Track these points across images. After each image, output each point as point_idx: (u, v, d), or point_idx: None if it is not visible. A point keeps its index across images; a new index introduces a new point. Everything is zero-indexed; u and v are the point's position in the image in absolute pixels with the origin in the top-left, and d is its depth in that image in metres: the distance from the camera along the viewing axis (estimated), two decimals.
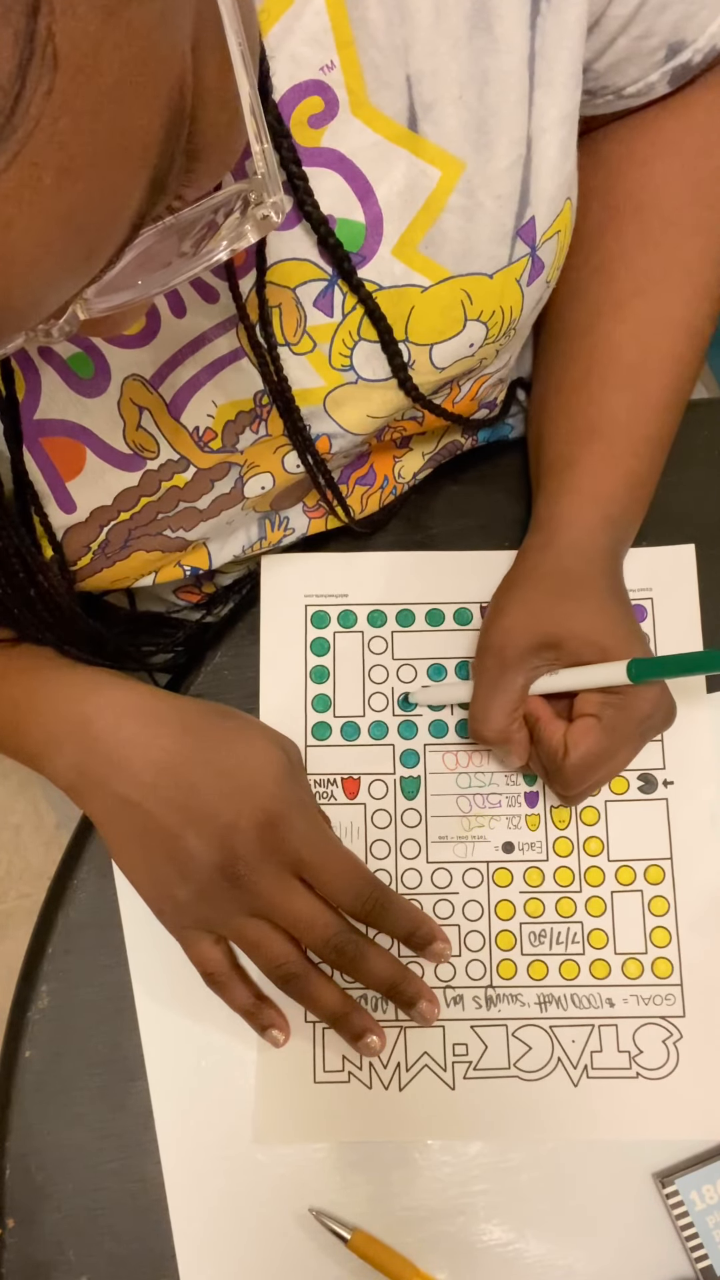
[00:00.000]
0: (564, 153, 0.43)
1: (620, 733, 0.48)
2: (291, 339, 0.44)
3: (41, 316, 0.26)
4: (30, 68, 0.19)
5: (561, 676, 0.49)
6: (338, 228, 0.42)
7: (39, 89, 0.19)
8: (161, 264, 0.28)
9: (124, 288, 0.27)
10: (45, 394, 0.43)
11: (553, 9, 0.40)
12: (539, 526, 0.53)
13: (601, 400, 0.52)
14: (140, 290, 0.28)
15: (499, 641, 0.50)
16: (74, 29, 0.19)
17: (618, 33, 0.45)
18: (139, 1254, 0.52)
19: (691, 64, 0.48)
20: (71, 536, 0.48)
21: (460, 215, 0.42)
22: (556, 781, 0.50)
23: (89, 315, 0.27)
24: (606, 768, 0.49)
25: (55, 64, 0.19)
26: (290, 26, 0.38)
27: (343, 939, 0.49)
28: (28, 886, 1.23)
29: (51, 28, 0.19)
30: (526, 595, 0.51)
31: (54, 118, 0.20)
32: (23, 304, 0.24)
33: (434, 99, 0.40)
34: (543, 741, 0.50)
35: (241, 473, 0.49)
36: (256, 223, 0.28)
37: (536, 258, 0.45)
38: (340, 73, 0.39)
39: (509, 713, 0.50)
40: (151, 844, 0.48)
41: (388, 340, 0.44)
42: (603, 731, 0.48)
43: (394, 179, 0.41)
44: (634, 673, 0.46)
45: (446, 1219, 0.51)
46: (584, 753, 0.48)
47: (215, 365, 0.45)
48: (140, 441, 0.46)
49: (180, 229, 0.28)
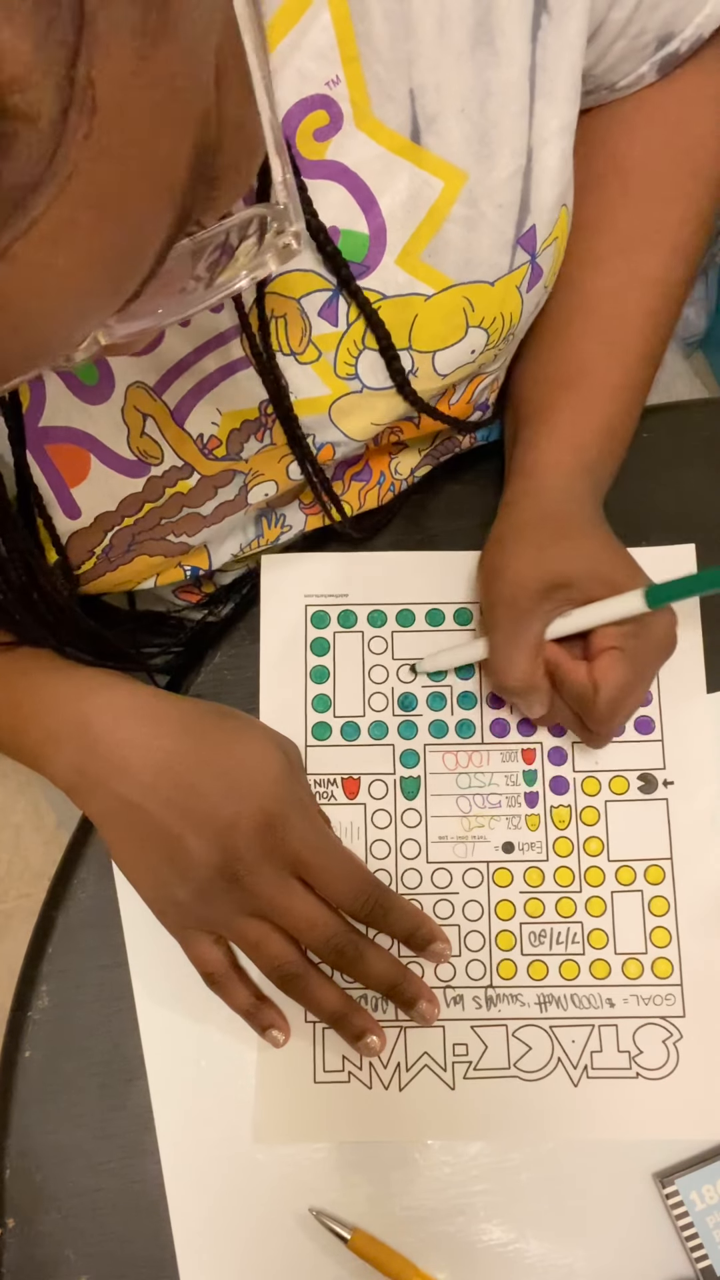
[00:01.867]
0: (564, 162, 0.44)
1: (642, 660, 0.49)
2: (297, 348, 0.45)
3: (70, 349, 0.26)
4: (70, 114, 0.19)
5: (575, 616, 0.49)
6: (342, 238, 0.42)
7: (78, 133, 0.19)
8: (176, 285, 0.28)
9: (144, 314, 0.28)
10: (50, 401, 0.44)
11: (554, 22, 0.40)
12: (519, 475, 0.53)
13: (580, 350, 0.53)
14: (160, 318, 0.28)
15: (510, 592, 0.50)
16: (112, 74, 0.20)
17: (616, 36, 0.46)
18: (139, 1254, 0.52)
19: (679, 53, 0.49)
20: (75, 541, 0.48)
21: (463, 225, 0.43)
22: (591, 718, 0.49)
23: (110, 341, 0.28)
24: (634, 697, 0.49)
25: (94, 109, 0.19)
26: (297, 42, 0.39)
27: (342, 939, 0.49)
28: (28, 886, 1.23)
29: (91, 75, 0.19)
30: (523, 546, 0.51)
31: (92, 160, 0.20)
32: (55, 339, 0.24)
33: (437, 112, 0.41)
34: (569, 684, 0.49)
35: (246, 480, 0.49)
36: (278, 251, 0.29)
37: (536, 265, 0.46)
38: (345, 87, 0.40)
39: (530, 659, 0.49)
40: (151, 844, 0.48)
41: (386, 346, 0.44)
42: (628, 661, 0.48)
43: (397, 190, 0.42)
44: (651, 599, 0.46)
45: (446, 1219, 0.51)
46: (614, 685, 0.48)
47: (218, 374, 0.45)
48: (144, 448, 0.46)
49: (194, 250, 0.28)
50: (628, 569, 0.50)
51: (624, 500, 0.56)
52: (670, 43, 0.48)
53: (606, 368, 0.53)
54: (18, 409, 0.42)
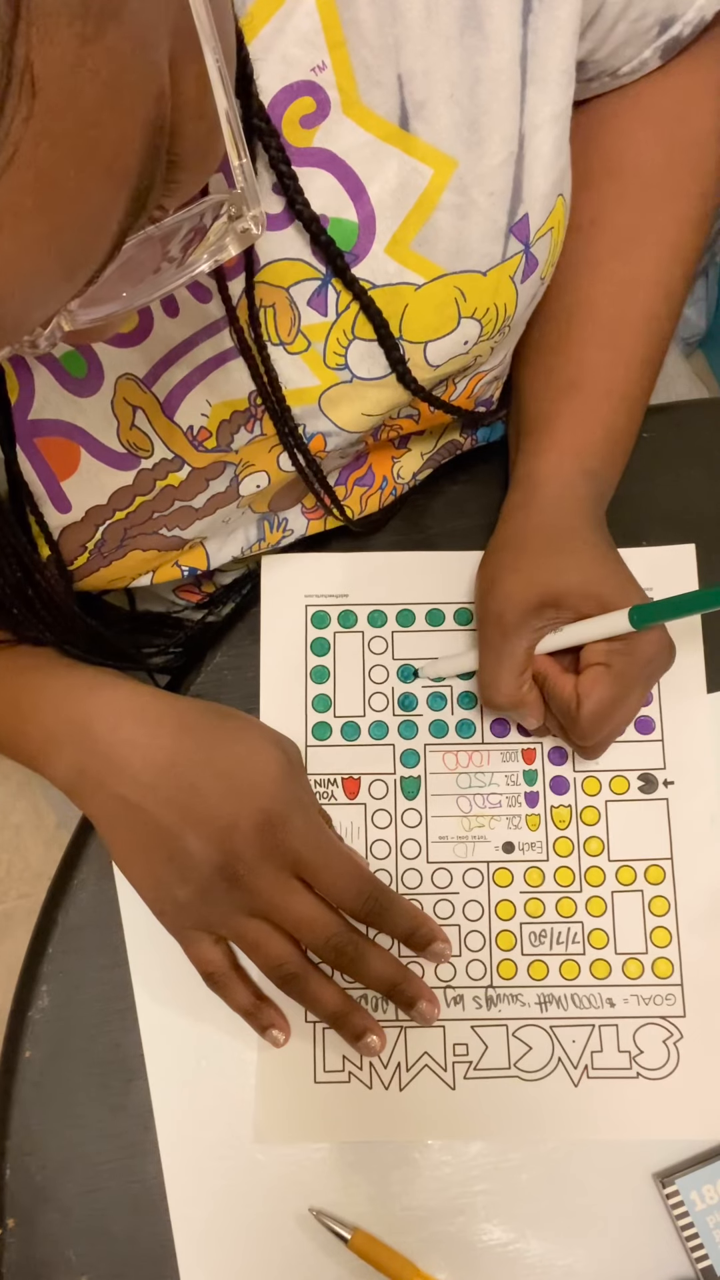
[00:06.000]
0: (557, 149, 0.43)
1: (629, 677, 0.49)
2: (286, 338, 0.44)
3: (24, 332, 0.26)
4: (8, 96, 0.19)
5: (565, 633, 0.49)
6: (330, 227, 0.42)
7: (18, 116, 0.19)
8: (146, 272, 0.28)
9: (108, 299, 0.27)
10: (39, 394, 0.43)
11: (545, 6, 0.40)
12: (518, 485, 0.53)
13: (579, 358, 0.53)
14: (125, 302, 0.28)
15: (498, 608, 0.50)
16: (52, 56, 0.19)
17: (616, 19, 0.46)
18: (139, 1254, 0.52)
19: (681, 36, 0.48)
20: (68, 536, 0.48)
21: (453, 213, 0.42)
22: (574, 733, 0.50)
23: (74, 327, 0.27)
24: (620, 713, 0.49)
25: (34, 91, 0.19)
26: (281, 27, 0.38)
27: (342, 939, 0.49)
28: (28, 886, 1.23)
29: (30, 56, 0.19)
30: (517, 558, 0.51)
31: (34, 143, 0.20)
32: (5, 323, 0.24)
33: (425, 98, 0.40)
34: (555, 697, 0.50)
35: (237, 471, 0.49)
36: (237, 235, 0.29)
37: (530, 254, 0.45)
38: (331, 73, 0.39)
39: (517, 677, 0.50)
40: (151, 844, 0.48)
41: (384, 335, 0.44)
42: (613, 678, 0.48)
43: (386, 177, 0.41)
44: (636, 619, 0.46)
45: (446, 1219, 0.51)
46: (597, 700, 0.48)
47: (208, 365, 0.45)
48: (134, 440, 0.46)
49: (163, 236, 0.28)
50: (619, 585, 0.49)
51: (624, 500, 0.56)
52: (673, 26, 0.48)
53: (608, 373, 0.53)
54: (6, 403, 0.42)
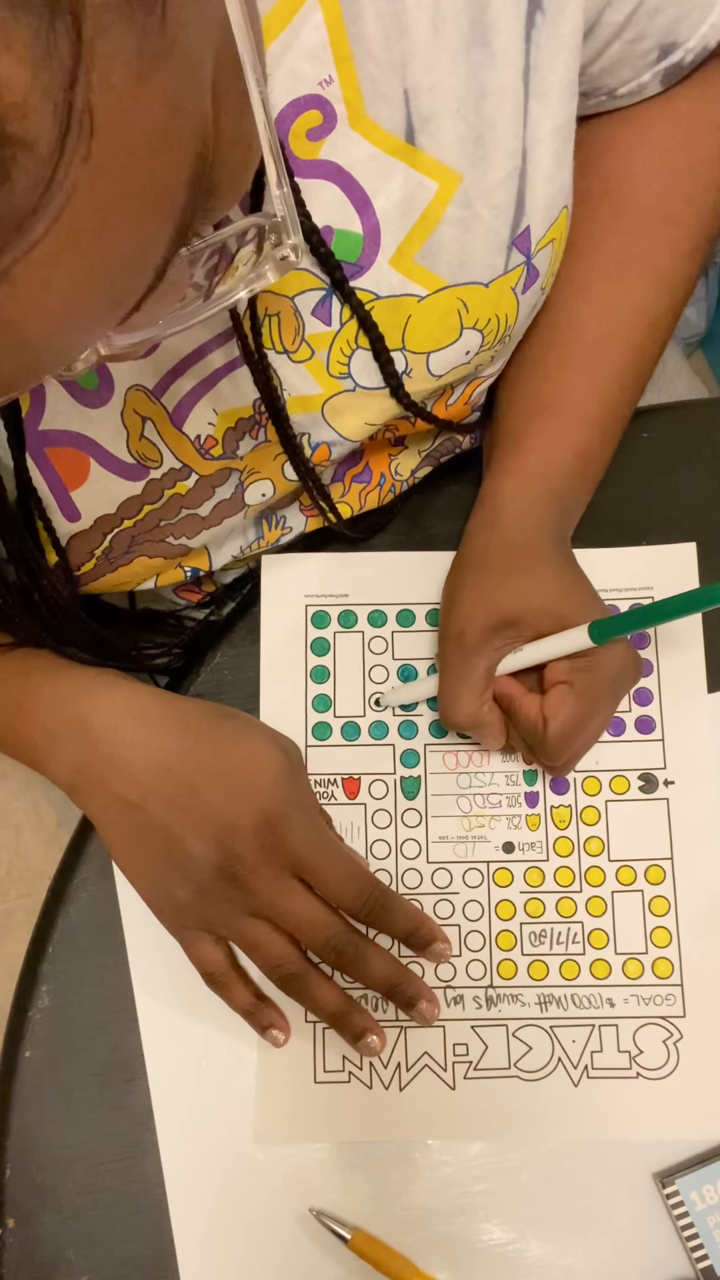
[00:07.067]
0: (558, 162, 0.44)
1: (594, 694, 0.49)
2: (290, 347, 0.45)
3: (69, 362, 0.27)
4: (69, 138, 0.19)
5: (525, 652, 0.49)
6: (336, 238, 0.42)
7: (76, 156, 0.20)
8: (176, 294, 0.28)
9: (145, 325, 0.28)
10: (50, 405, 0.44)
11: (548, 21, 0.40)
12: (483, 503, 0.53)
13: (557, 378, 0.53)
14: (160, 329, 0.28)
15: (457, 628, 0.50)
16: (109, 99, 0.20)
17: (612, 38, 0.46)
18: (139, 1254, 0.52)
19: (683, 64, 0.48)
20: (75, 543, 0.48)
21: (457, 226, 0.43)
22: (542, 754, 0.50)
23: (110, 351, 0.28)
24: (587, 731, 0.49)
25: (91, 132, 0.19)
26: (289, 42, 0.39)
27: (342, 939, 0.49)
28: (28, 886, 1.23)
29: (90, 100, 0.19)
30: (478, 578, 0.51)
31: (90, 183, 0.20)
32: (54, 355, 0.25)
33: (432, 112, 0.40)
34: (521, 718, 0.50)
35: (241, 478, 0.49)
36: (276, 264, 0.29)
37: (531, 266, 0.46)
38: (338, 87, 0.40)
39: (476, 697, 0.50)
40: (151, 845, 0.48)
41: (379, 349, 0.44)
42: (577, 696, 0.48)
43: (391, 191, 0.42)
44: (595, 634, 0.46)
45: (446, 1219, 0.51)
46: (562, 720, 0.48)
47: (215, 375, 0.45)
48: (143, 451, 0.46)
49: (190, 258, 0.28)
50: (580, 603, 0.49)
51: (624, 500, 0.56)
52: (674, 53, 0.48)
53: (583, 396, 0.52)
54: (17, 413, 0.42)
